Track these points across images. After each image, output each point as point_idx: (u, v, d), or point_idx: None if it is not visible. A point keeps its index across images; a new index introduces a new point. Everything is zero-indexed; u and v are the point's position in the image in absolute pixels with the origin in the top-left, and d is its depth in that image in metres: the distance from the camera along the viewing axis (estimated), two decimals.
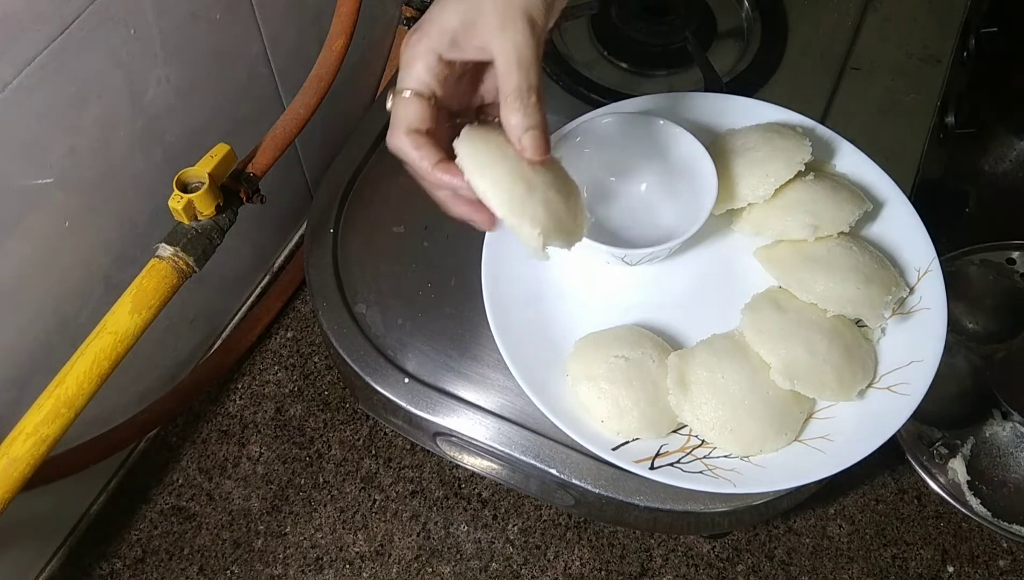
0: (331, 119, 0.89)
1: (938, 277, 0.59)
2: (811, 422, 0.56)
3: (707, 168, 0.59)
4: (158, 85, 0.63)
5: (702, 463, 0.54)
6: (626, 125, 0.62)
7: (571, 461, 0.58)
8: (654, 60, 0.77)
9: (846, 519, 0.82)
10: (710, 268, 0.63)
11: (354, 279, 0.66)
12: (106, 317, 0.53)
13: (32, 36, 0.50)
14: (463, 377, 0.62)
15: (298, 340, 0.91)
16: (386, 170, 0.71)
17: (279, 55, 0.76)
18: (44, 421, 0.50)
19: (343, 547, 0.80)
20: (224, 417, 0.86)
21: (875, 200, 0.62)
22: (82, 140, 0.58)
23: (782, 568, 0.80)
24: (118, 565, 0.79)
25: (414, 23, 0.97)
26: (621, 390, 0.55)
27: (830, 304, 0.56)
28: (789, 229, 0.59)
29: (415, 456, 0.84)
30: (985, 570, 0.80)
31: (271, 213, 0.88)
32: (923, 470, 0.81)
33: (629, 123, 0.62)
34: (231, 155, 0.57)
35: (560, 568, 0.79)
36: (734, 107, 0.67)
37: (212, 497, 0.82)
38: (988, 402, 0.82)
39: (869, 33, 0.78)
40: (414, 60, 0.45)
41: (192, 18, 0.64)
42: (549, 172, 0.47)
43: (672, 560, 0.80)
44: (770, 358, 0.55)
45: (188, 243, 0.56)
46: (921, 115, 0.73)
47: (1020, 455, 0.81)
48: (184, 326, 0.82)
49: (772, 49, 0.77)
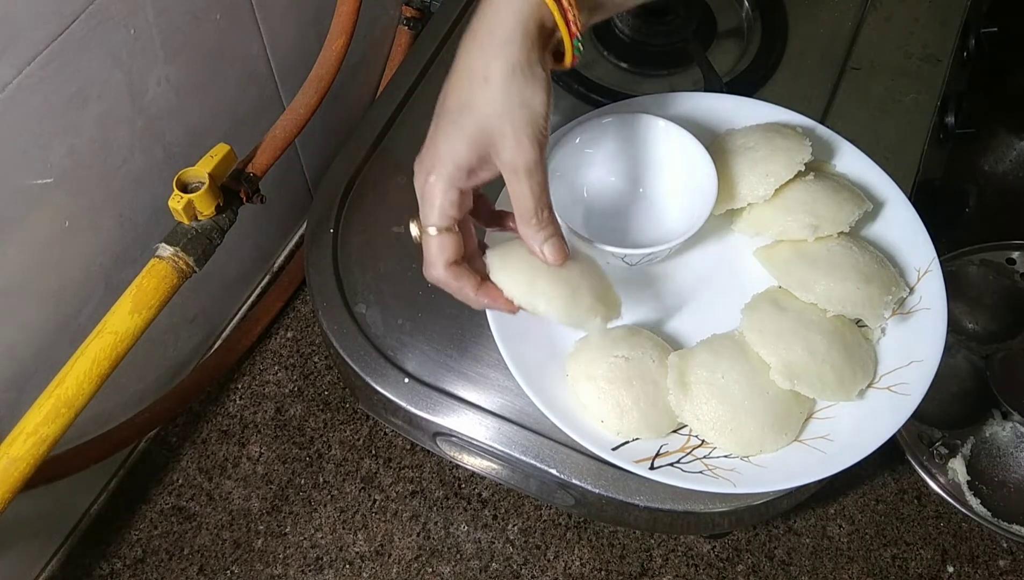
0: (331, 119, 0.89)
1: (938, 277, 0.59)
2: (811, 422, 0.56)
3: (707, 168, 0.59)
4: (158, 85, 0.63)
5: (702, 463, 0.54)
6: (626, 125, 0.62)
7: (571, 461, 0.58)
8: (654, 60, 0.77)
9: (846, 519, 0.82)
10: (710, 268, 0.63)
11: (354, 279, 0.66)
12: (106, 317, 0.53)
13: (32, 36, 0.50)
14: (463, 377, 0.62)
15: (298, 340, 0.91)
16: (386, 170, 0.71)
17: (279, 55, 0.76)
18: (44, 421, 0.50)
19: (343, 547, 0.80)
20: (224, 417, 0.86)
21: (875, 200, 0.62)
22: (82, 140, 0.58)
23: (782, 568, 0.80)
24: (118, 565, 0.79)
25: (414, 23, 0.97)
26: (621, 390, 0.55)
27: (830, 304, 0.56)
28: (789, 229, 0.59)
29: (415, 456, 0.84)
30: (985, 570, 0.80)
31: (271, 213, 0.88)
32: (923, 470, 0.81)
33: (629, 123, 0.62)
34: (231, 155, 0.57)
35: (560, 568, 0.79)
36: (734, 107, 0.67)
37: (212, 497, 0.82)
38: (988, 402, 0.82)
39: (869, 33, 0.78)
40: (436, 198, 0.47)
41: (192, 18, 0.64)
42: (577, 260, 0.52)
43: (672, 560, 0.80)
44: (770, 358, 0.55)
45: (188, 243, 0.56)
46: (921, 115, 0.73)
47: (1020, 455, 0.81)
48: (184, 326, 0.82)
49: (772, 49, 0.77)
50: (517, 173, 0.46)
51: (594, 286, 0.52)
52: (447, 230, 0.47)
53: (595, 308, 0.51)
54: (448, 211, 0.47)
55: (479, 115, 0.45)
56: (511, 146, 0.45)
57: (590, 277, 0.52)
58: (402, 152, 0.72)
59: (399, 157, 0.71)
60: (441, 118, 0.46)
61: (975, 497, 0.79)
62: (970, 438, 0.81)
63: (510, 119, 0.45)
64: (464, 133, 0.45)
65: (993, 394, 0.82)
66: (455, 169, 0.46)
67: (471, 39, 0.46)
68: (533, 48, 0.45)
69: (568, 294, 0.50)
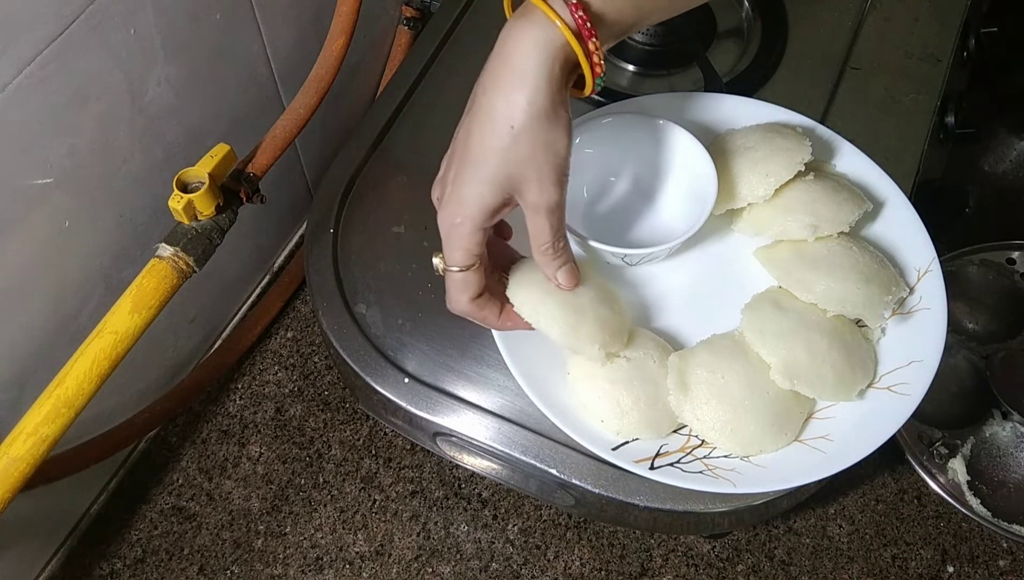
0: (331, 119, 0.89)
1: (938, 277, 0.59)
2: (811, 422, 0.56)
3: (707, 168, 0.59)
4: (158, 85, 0.63)
5: (702, 463, 0.54)
6: (626, 125, 0.62)
7: (571, 461, 0.58)
8: (654, 60, 0.77)
9: (846, 519, 0.82)
10: (710, 268, 0.63)
11: (354, 279, 0.66)
12: (106, 317, 0.53)
13: (32, 36, 0.50)
14: (463, 377, 0.62)
15: (298, 340, 0.91)
16: (386, 170, 0.71)
17: (279, 55, 0.76)
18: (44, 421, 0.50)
19: (343, 547, 0.80)
20: (224, 417, 0.86)
21: (875, 200, 0.62)
22: (82, 140, 0.58)
23: (782, 568, 0.80)
24: (118, 565, 0.79)
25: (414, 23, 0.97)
26: (621, 390, 0.55)
27: (830, 304, 0.56)
28: (789, 229, 0.59)
29: (415, 456, 0.84)
30: (985, 570, 0.80)
31: (271, 213, 0.88)
32: (923, 470, 0.81)
33: (629, 123, 0.62)
34: (231, 155, 0.57)
35: (560, 568, 0.79)
36: (734, 107, 0.67)
37: (212, 497, 0.82)
38: (988, 402, 0.82)
39: (869, 33, 0.78)
40: (463, 241, 0.47)
41: (192, 18, 0.64)
42: (590, 287, 0.54)
43: (672, 560, 0.80)
44: (770, 358, 0.55)
45: (188, 243, 0.56)
46: (921, 115, 0.73)
47: (1020, 455, 0.81)
48: (184, 326, 0.82)
49: (772, 49, 0.77)
50: (539, 212, 0.47)
51: (601, 315, 0.54)
52: (471, 268, 0.48)
53: (595, 337, 0.53)
54: (473, 251, 0.48)
55: (505, 162, 0.45)
56: (535, 190, 0.46)
57: (600, 306, 0.54)
58: (402, 152, 0.72)
59: (399, 157, 0.71)
60: (464, 163, 0.46)
61: (975, 497, 0.79)
62: (970, 438, 0.81)
63: (535, 165, 0.45)
64: (490, 180, 0.46)
65: (993, 394, 0.82)
66: (480, 214, 0.46)
67: (492, 80, 0.45)
68: (557, 91, 0.44)
69: (572, 320, 0.52)
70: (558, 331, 0.52)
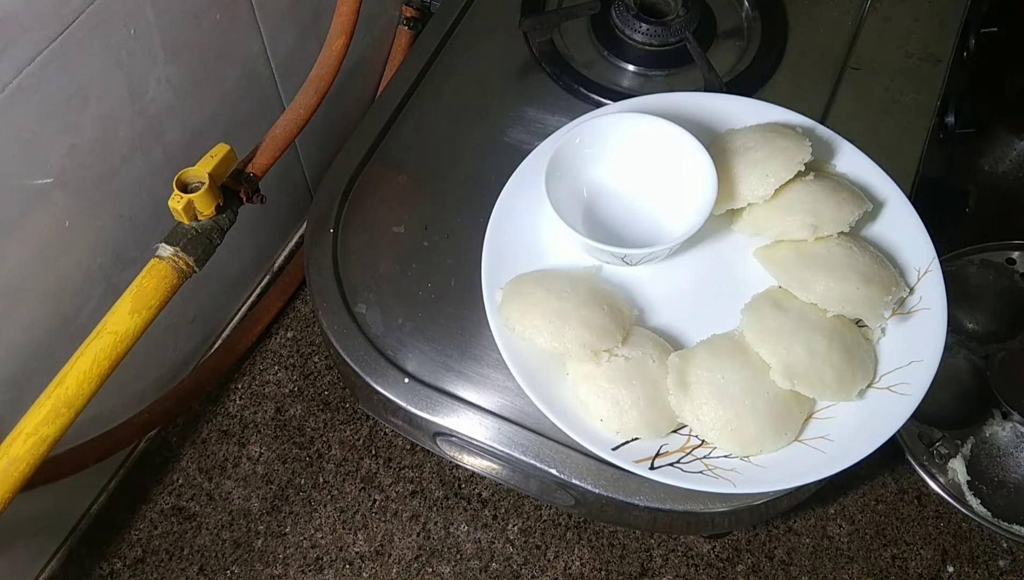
0: (331, 119, 0.89)
1: (938, 277, 0.59)
2: (811, 422, 0.56)
3: (707, 168, 0.59)
4: (158, 85, 0.63)
5: (702, 463, 0.54)
6: (626, 125, 0.62)
7: (571, 461, 0.58)
8: (654, 60, 0.77)
9: (846, 519, 0.82)
10: (710, 268, 0.63)
11: (354, 279, 0.66)
12: (106, 317, 0.53)
13: (32, 36, 0.50)
14: (463, 377, 0.62)
15: (298, 340, 0.91)
16: (386, 170, 0.71)
17: (279, 55, 0.76)
18: (44, 421, 0.50)
19: (343, 547, 0.80)
20: (224, 417, 0.86)
21: (875, 200, 0.62)
22: (82, 140, 0.58)
23: (782, 568, 0.80)
24: (118, 565, 0.79)
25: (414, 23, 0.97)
26: (621, 389, 0.55)
27: (830, 304, 0.56)
28: (789, 229, 0.59)
29: (415, 456, 0.84)
30: (985, 570, 0.80)
31: (271, 213, 0.88)
32: (923, 470, 0.81)
33: (629, 123, 0.62)
34: (231, 155, 0.57)
35: (560, 568, 0.79)
36: (734, 107, 0.67)
37: (212, 497, 0.82)
38: (988, 402, 0.82)
39: (869, 33, 0.78)
40: None
41: (192, 18, 0.64)
42: (581, 291, 0.57)
43: (672, 560, 0.80)
44: (770, 358, 0.55)
45: (188, 243, 0.56)
46: (921, 115, 0.73)
47: (1020, 455, 0.81)
48: (184, 326, 0.82)
49: (772, 49, 0.77)
50: None
51: (585, 318, 0.55)
52: None
53: (581, 338, 0.55)
54: None
55: None
56: None
57: (584, 309, 0.56)
58: (402, 152, 0.72)
59: (399, 157, 0.71)
60: None
61: (975, 497, 0.79)
62: (970, 438, 0.81)
63: None
64: None
65: (993, 394, 0.82)
66: None
67: None
68: None
69: (556, 326, 0.55)
70: (544, 338, 0.55)
